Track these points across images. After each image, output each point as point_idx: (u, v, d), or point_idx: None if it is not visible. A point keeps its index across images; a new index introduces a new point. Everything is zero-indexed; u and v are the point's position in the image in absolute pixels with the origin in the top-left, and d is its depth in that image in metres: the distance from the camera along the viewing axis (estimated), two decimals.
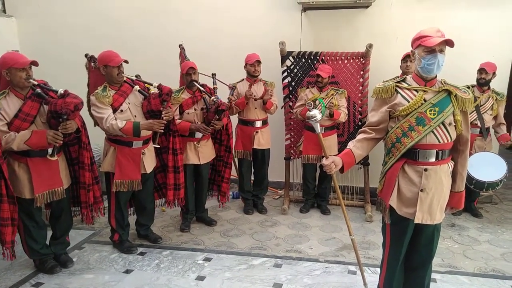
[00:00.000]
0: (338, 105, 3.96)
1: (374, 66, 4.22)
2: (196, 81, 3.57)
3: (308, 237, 3.65)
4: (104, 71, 3.10)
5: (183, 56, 3.92)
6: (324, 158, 2.15)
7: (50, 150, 2.71)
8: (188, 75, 3.53)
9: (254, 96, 3.94)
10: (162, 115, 3.11)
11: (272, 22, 4.62)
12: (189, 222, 3.87)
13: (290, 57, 4.31)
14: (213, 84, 3.82)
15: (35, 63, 2.72)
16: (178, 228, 3.84)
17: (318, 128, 2.17)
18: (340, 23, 4.49)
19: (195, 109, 3.61)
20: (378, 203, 2.30)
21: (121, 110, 3.09)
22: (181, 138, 3.52)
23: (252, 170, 4.32)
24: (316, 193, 4.35)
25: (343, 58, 4.22)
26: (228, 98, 3.80)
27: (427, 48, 1.97)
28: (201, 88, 3.57)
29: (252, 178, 4.36)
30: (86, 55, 3.46)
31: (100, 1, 4.92)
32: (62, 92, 2.70)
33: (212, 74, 3.91)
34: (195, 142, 3.63)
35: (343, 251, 3.37)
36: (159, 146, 3.30)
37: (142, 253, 3.33)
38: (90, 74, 3.49)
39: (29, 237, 2.90)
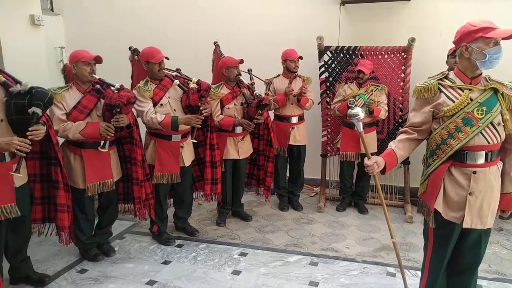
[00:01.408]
0: (378, 102, 3.85)
1: (416, 61, 4.07)
2: (241, 75, 3.60)
3: (345, 236, 3.59)
4: (146, 67, 3.18)
5: (218, 53, 3.92)
6: (366, 158, 2.10)
7: (102, 143, 2.83)
8: (236, 68, 3.55)
9: (294, 92, 3.91)
10: (200, 110, 3.15)
11: (310, 17, 4.55)
12: (225, 216, 3.92)
13: (328, 52, 4.23)
14: (250, 80, 3.82)
15: (98, 59, 2.87)
16: (214, 222, 3.90)
17: (360, 127, 2.11)
18: (380, 17, 4.36)
19: (234, 104, 3.63)
20: (420, 205, 2.22)
21: (161, 104, 3.17)
22: (220, 133, 3.55)
23: (288, 166, 4.30)
24: (353, 192, 4.27)
25: (383, 52, 4.09)
26: (265, 93, 3.79)
27: (492, 40, 1.85)
28: (245, 82, 3.60)
29: (288, 174, 4.34)
30: (130, 48, 3.54)
31: None
32: (118, 86, 2.86)
33: (248, 70, 3.91)
34: (235, 137, 3.65)
35: (382, 251, 3.29)
36: (196, 141, 3.35)
37: (179, 245, 3.41)
38: (134, 67, 3.58)
39: (77, 228, 3.04)
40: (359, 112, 2.04)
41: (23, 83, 2.37)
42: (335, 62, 4.24)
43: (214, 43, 3.96)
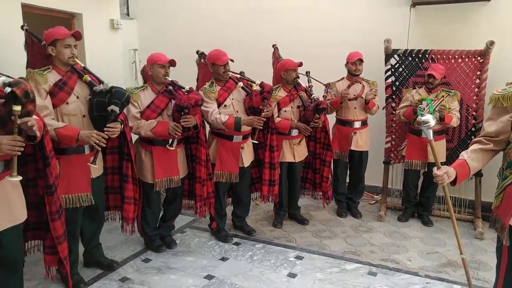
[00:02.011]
0: (450, 108, 3.63)
1: (494, 66, 3.78)
2: (299, 78, 3.59)
3: (407, 248, 3.44)
4: (211, 69, 3.30)
5: (276, 56, 3.93)
6: (435, 167, 1.99)
7: (170, 141, 2.98)
8: (294, 71, 3.55)
9: (350, 96, 3.81)
10: (262, 112, 3.20)
11: (377, 19, 4.43)
12: (281, 218, 3.93)
13: (395, 55, 4.07)
14: (308, 82, 3.79)
15: (173, 62, 3.03)
16: (270, 223, 3.93)
17: (430, 135, 2.00)
18: (455, 19, 4.11)
19: (291, 107, 3.64)
20: (492, 220, 2.05)
21: (225, 105, 3.27)
22: (278, 136, 3.58)
23: (348, 172, 4.21)
24: (417, 202, 4.06)
25: (456, 56, 3.85)
26: (323, 96, 3.75)
27: None
28: (303, 85, 3.59)
29: (347, 180, 4.25)
30: (197, 52, 3.68)
31: (206, 2, 5.24)
32: (188, 89, 3.00)
33: (306, 72, 3.87)
34: (291, 140, 3.65)
35: (447, 267, 3.10)
36: (257, 142, 3.40)
37: (237, 243, 3.48)
38: (200, 69, 3.72)
39: (144, 221, 3.25)
40: (429, 119, 1.94)
41: (104, 83, 2.58)
42: (403, 66, 4.08)
43: (273, 46, 3.99)
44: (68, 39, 2.53)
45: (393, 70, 4.11)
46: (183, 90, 3.04)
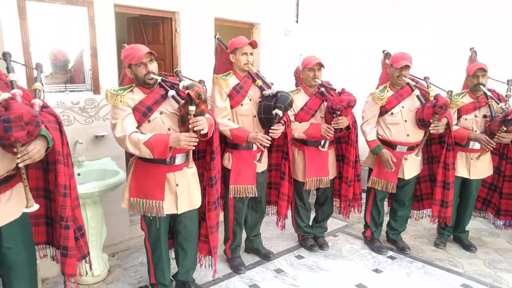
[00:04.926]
0: None
1: None
2: (483, 85, 3.14)
3: None
4: (389, 70, 3.18)
5: (472, 60, 3.48)
6: None
7: (322, 142, 3.03)
8: (474, 77, 3.14)
9: None
10: (430, 128, 2.92)
11: None
12: (445, 239, 3.53)
13: None
14: (507, 91, 3.24)
15: (320, 64, 3.07)
16: (432, 241, 3.57)
17: None
18: None
19: (475, 116, 3.20)
20: None
21: (392, 113, 3.11)
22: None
23: None
24: None
25: None
26: None
27: None
28: (488, 93, 3.12)
29: None
30: (383, 51, 3.50)
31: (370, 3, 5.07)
32: (339, 90, 3.02)
33: (508, 81, 3.32)
34: (468, 153, 3.23)
35: None
36: (419, 158, 3.12)
37: (392, 257, 3.30)
38: (383, 69, 3.52)
39: (297, 215, 3.39)
40: None
41: (272, 87, 2.79)
42: None
43: (470, 49, 3.53)
44: (245, 47, 2.82)
45: None
46: (336, 91, 3.03)
